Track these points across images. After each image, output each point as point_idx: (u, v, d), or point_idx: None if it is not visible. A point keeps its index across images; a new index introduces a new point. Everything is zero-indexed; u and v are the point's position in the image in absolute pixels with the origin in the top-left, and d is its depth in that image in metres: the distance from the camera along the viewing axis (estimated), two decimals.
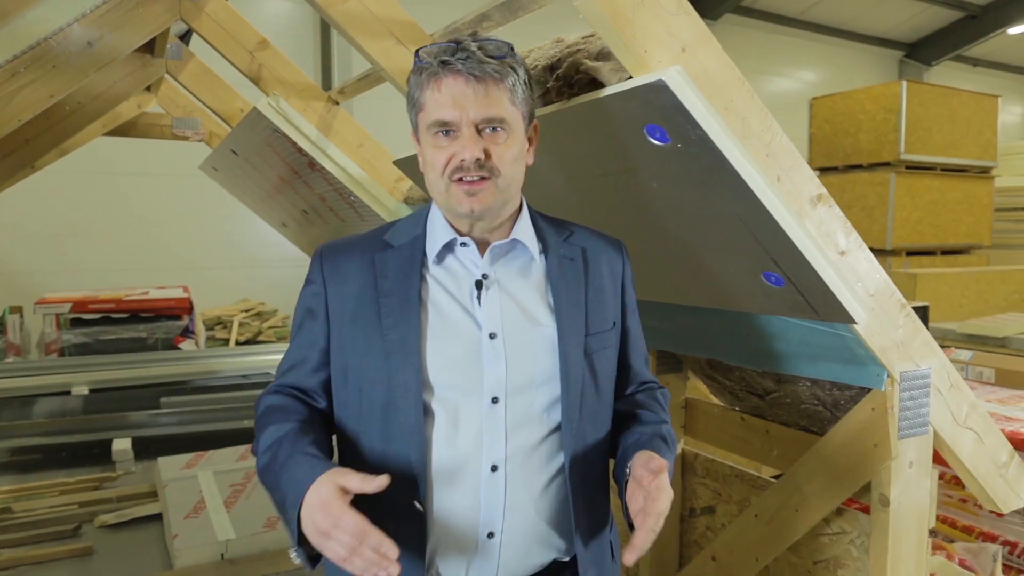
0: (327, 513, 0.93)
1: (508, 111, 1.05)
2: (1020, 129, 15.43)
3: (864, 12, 12.05)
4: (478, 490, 1.07)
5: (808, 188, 1.32)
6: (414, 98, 1.08)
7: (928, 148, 8.63)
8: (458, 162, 1.03)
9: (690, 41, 1.19)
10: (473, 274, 1.11)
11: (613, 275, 1.21)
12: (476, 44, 1.04)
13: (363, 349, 1.10)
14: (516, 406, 1.08)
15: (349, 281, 1.13)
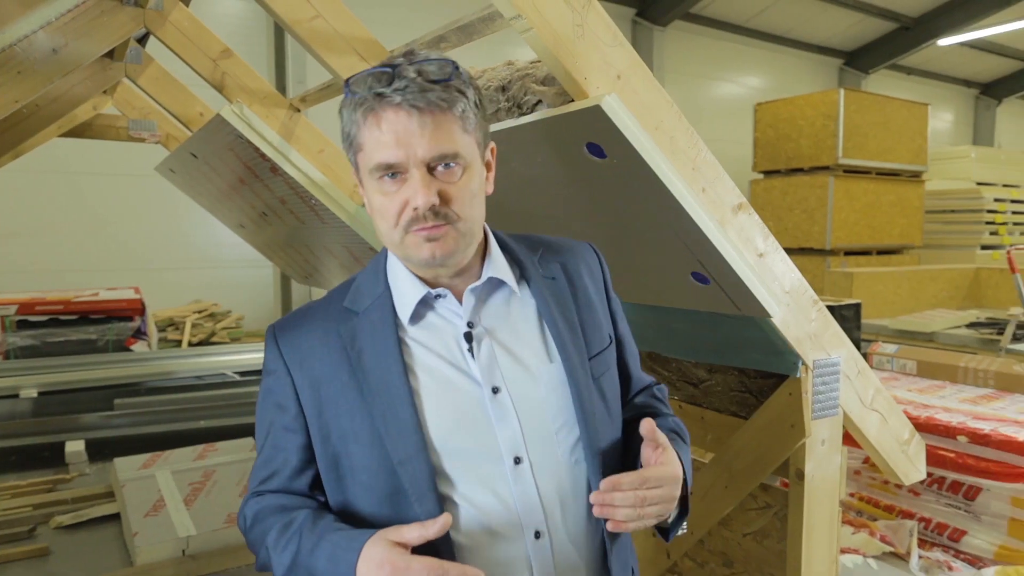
0: (391, 571, 0.84)
1: (461, 141, 0.93)
2: (949, 136, 16.22)
3: (806, 21, 12.54)
4: (527, 562, 0.97)
5: (730, 198, 1.50)
6: (350, 136, 0.95)
7: (864, 153, 9.06)
8: (411, 212, 0.92)
9: (624, 69, 1.35)
10: (457, 326, 0.99)
11: (596, 284, 1.12)
12: (414, 68, 0.90)
13: (353, 436, 0.96)
14: (541, 460, 0.98)
15: (316, 361, 0.99)
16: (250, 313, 8.26)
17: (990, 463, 3.16)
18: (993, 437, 3.18)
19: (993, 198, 11.05)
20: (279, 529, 0.96)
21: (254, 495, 1.04)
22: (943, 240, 11.02)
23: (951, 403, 3.70)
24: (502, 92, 1.50)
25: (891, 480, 2.03)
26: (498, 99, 1.50)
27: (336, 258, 3.59)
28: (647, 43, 11.05)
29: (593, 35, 1.31)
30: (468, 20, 1.61)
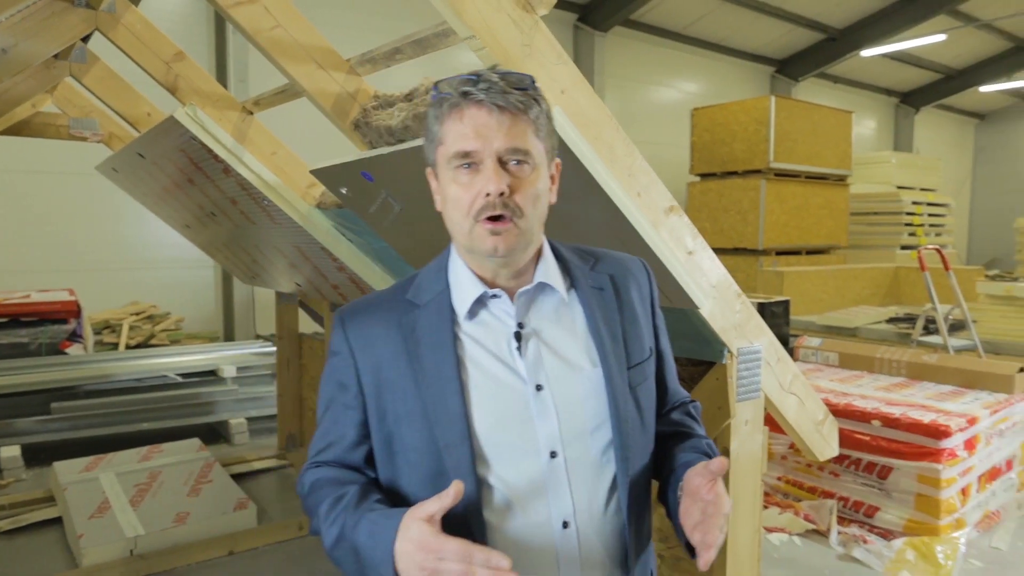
0: (427, 551, 0.90)
1: (532, 143, 1.01)
2: (872, 142, 17.08)
3: (739, 30, 13.04)
4: (554, 551, 1.03)
5: (662, 201, 1.66)
6: (432, 132, 1.04)
7: (794, 157, 9.51)
8: (484, 198, 0.99)
9: (568, 85, 1.49)
10: (508, 326, 1.06)
11: (642, 299, 1.17)
12: (498, 75, 1.01)
13: (406, 418, 1.04)
14: (575, 456, 1.04)
15: (378, 347, 1.07)
16: (191, 315, 8.12)
17: (900, 444, 3.45)
18: (903, 421, 3.47)
19: (911, 201, 11.73)
20: (330, 503, 1.03)
21: (313, 465, 1.11)
22: (866, 241, 11.64)
23: (867, 391, 3.99)
24: None
25: (808, 457, 2.23)
26: None
27: (286, 258, 3.63)
28: (588, 48, 11.31)
29: (540, 54, 1.45)
30: (424, 35, 1.73)
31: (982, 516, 3.63)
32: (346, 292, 3.52)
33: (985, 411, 3.61)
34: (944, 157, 17.70)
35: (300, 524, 3.59)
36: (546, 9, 1.44)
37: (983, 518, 3.63)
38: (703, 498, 0.98)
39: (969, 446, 3.47)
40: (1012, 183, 20.07)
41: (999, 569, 3.27)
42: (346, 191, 2.32)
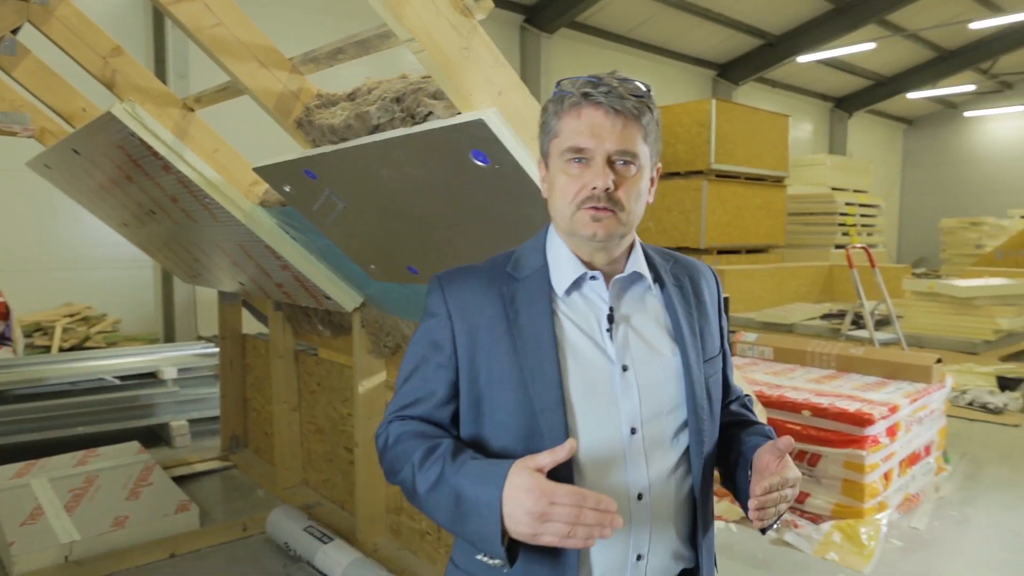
0: (539, 495, 0.94)
1: (640, 148, 1.08)
2: (809, 145, 17.70)
3: (682, 34, 13.35)
4: (628, 518, 1.09)
5: None
6: (549, 126, 1.11)
7: (734, 159, 9.78)
8: (589, 191, 1.05)
9: (505, 87, 1.55)
10: (601, 308, 1.12)
11: (713, 301, 1.25)
12: (618, 80, 1.07)
13: (500, 381, 1.09)
14: (651, 434, 1.10)
15: (476, 312, 1.12)
16: (128, 316, 7.90)
17: (828, 433, 3.63)
18: (830, 410, 3.65)
19: (844, 202, 12.22)
20: (425, 451, 1.07)
21: (397, 418, 1.15)
22: (803, 240, 12.07)
23: (799, 383, 4.18)
24: (397, 103, 1.66)
25: None
26: (393, 109, 1.66)
27: (228, 256, 3.60)
28: (535, 49, 11.42)
29: (478, 57, 1.50)
30: (366, 36, 1.76)
31: (903, 499, 3.84)
32: (291, 291, 3.51)
33: (905, 400, 3.82)
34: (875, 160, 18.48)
35: (244, 525, 3.57)
36: (484, 13, 1.49)
37: (904, 500, 3.84)
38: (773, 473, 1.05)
39: (891, 433, 3.67)
40: (937, 186, 21.07)
41: (917, 547, 3.47)
42: (289, 189, 2.33)
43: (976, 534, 3.64)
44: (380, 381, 3.35)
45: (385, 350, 3.25)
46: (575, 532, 0.94)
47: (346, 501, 3.69)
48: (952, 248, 16.26)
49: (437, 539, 3.10)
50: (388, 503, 3.39)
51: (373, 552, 3.24)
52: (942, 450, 4.43)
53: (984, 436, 5.34)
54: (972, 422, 5.69)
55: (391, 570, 2.96)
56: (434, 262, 2.26)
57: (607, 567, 1.09)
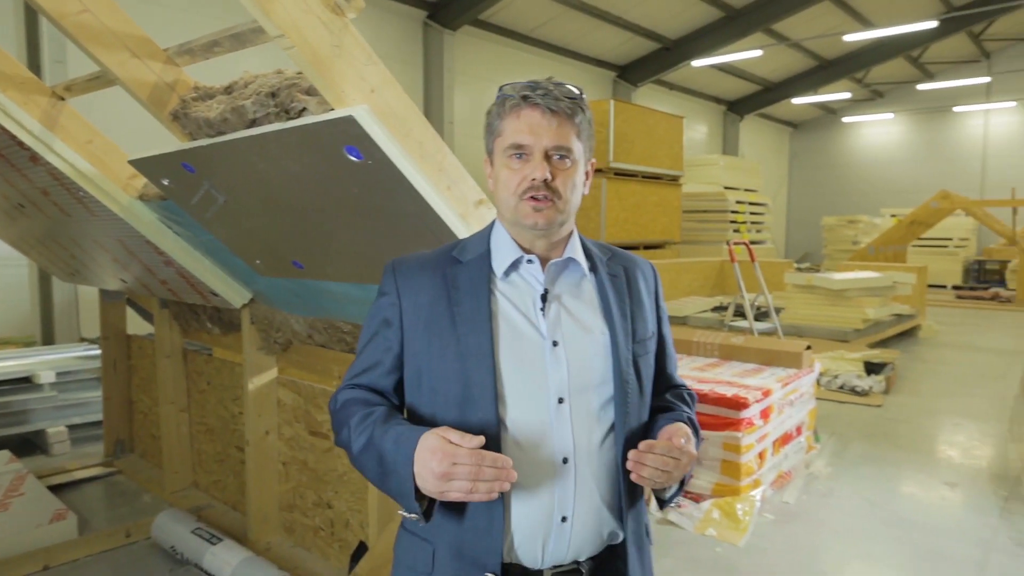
0: (442, 456, 1.05)
1: (574, 143, 1.19)
2: (704, 145, 18.52)
3: (583, 36, 13.68)
4: (553, 480, 1.18)
5: (472, 194, 1.80)
6: (493, 126, 1.23)
7: (631, 158, 10.13)
8: (529, 182, 1.17)
9: (378, 84, 1.59)
10: (536, 289, 1.22)
11: (648, 290, 1.35)
12: (553, 85, 1.19)
13: (439, 353, 1.20)
14: (578, 405, 1.19)
15: (422, 293, 1.24)
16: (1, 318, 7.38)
17: (708, 417, 3.86)
18: (710, 395, 3.88)
19: (735, 200, 12.89)
20: (361, 416, 1.21)
21: (348, 385, 1.29)
22: (697, 236, 12.65)
23: (685, 371, 4.42)
24: (272, 98, 1.67)
25: None
26: (268, 104, 1.67)
27: (108, 253, 3.45)
28: (438, 45, 11.42)
29: (349, 55, 1.54)
30: (240, 29, 1.75)
31: (776, 476, 4.14)
32: (176, 288, 3.40)
33: (777, 384, 4.11)
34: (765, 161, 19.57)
35: (128, 531, 3.44)
36: (355, 12, 1.53)
37: (777, 478, 4.14)
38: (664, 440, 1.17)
39: (764, 415, 3.95)
40: (820, 186, 22.52)
41: (787, 520, 3.76)
42: (168, 182, 2.28)
43: (839, 505, 3.97)
44: (271, 378, 3.31)
45: (276, 346, 3.21)
46: (477, 488, 1.05)
47: (238, 501, 3.62)
48: (833, 244, 17.46)
49: (331, 534, 3.10)
50: (281, 501, 3.35)
51: (266, 551, 3.20)
52: (812, 430, 4.79)
53: (852, 416, 5.81)
54: (842, 404, 6.16)
55: (284, 567, 2.94)
56: (318, 256, 2.27)
57: (532, 524, 1.18)
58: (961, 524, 3.72)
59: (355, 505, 2.97)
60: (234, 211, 2.21)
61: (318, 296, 2.59)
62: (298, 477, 3.25)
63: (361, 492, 2.90)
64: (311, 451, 3.17)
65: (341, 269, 2.28)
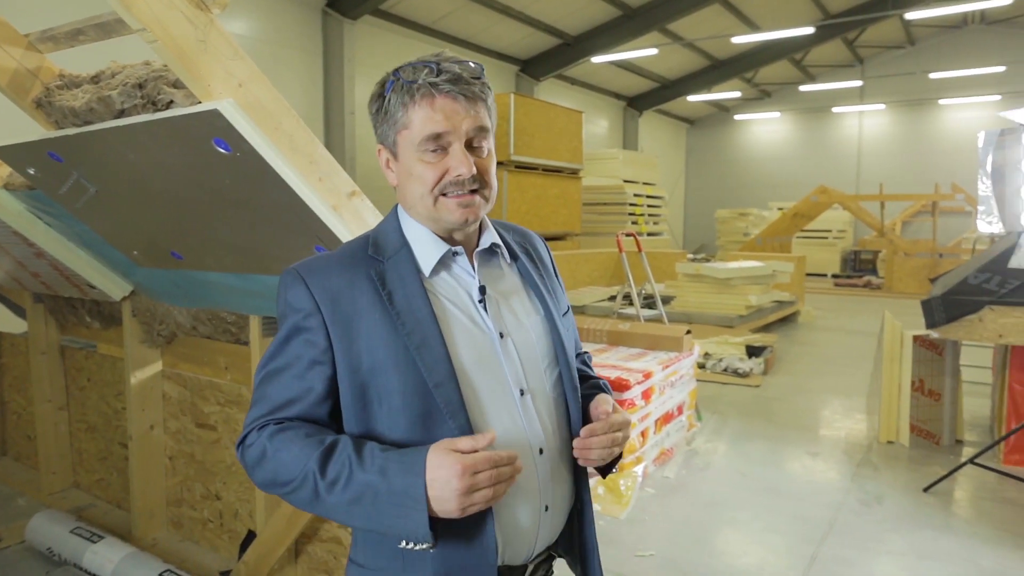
0: (462, 469, 0.97)
1: (488, 125, 1.12)
2: (606, 140, 19.06)
3: (485, 29, 13.79)
4: (535, 473, 1.14)
5: (345, 186, 1.88)
6: (394, 117, 1.10)
7: (532, 151, 10.34)
8: (453, 177, 1.08)
9: (246, 79, 1.64)
10: (471, 283, 1.16)
11: (548, 266, 1.32)
12: (457, 65, 1.08)
13: (384, 366, 1.07)
14: (537, 392, 1.17)
15: (346, 302, 1.09)
16: None
17: None
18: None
19: (633, 193, 13.37)
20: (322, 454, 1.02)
21: (268, 423, 1.08)
22: (597, 228, 13.04)
23: None
24: (139, 89, 1.68)
25: None
26: (135, 95, 1.68)
27: None
28: (337, 35, 11.24)
29: (216, 50, 1.58)
30: (107, 19, 1.75)
31: (659, 453, 4.41)
32: (50, 281, 3.28)
33: (659, 367, 4.38)
34: (663, 156, 20.34)
35: None
36: (220, 9, 1.57)
37: (659, 455, 4.41)
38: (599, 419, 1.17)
39: (646, 396, 4.20)
40: (715, 180, 23.64)
41: (667, 493, 4.02)
42: (34, 171, 2.23)
43: (715, 478, 4.28)
44: (156, 371, 3.25)
45: (159, 339, 3.16)
46: (498, 491, 1.00)
47: (123, 499, 3.54)
48: (725, 236, 18.39)
49: (220, 525, 3.10)
50: (168, 496, 3.31)
51: (152, 546, 3.16)
52: (693, 409, 5.12)
53: (733, 396, 6.22)
54: (725, 385, 6.59)
55: (170, 561, 2.91)
56: (196, 247, 2.28)
57: (524, 521, 1.14)
58: (818, 489, 4.10)
59: (244, 495, 2.98)
60: (107, 201, 2.18)
61: (200, 287, 2.59)
62: (185, 470, 3.22)
63: (249, 481, 2.91)
64: (198, 444, 3.14)
65: (221, 259, 2.29)
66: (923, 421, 4.87)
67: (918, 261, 14.25)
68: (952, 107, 19.61)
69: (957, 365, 4.89)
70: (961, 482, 4.23)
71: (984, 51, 18.47)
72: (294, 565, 2.77)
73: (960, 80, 18.63)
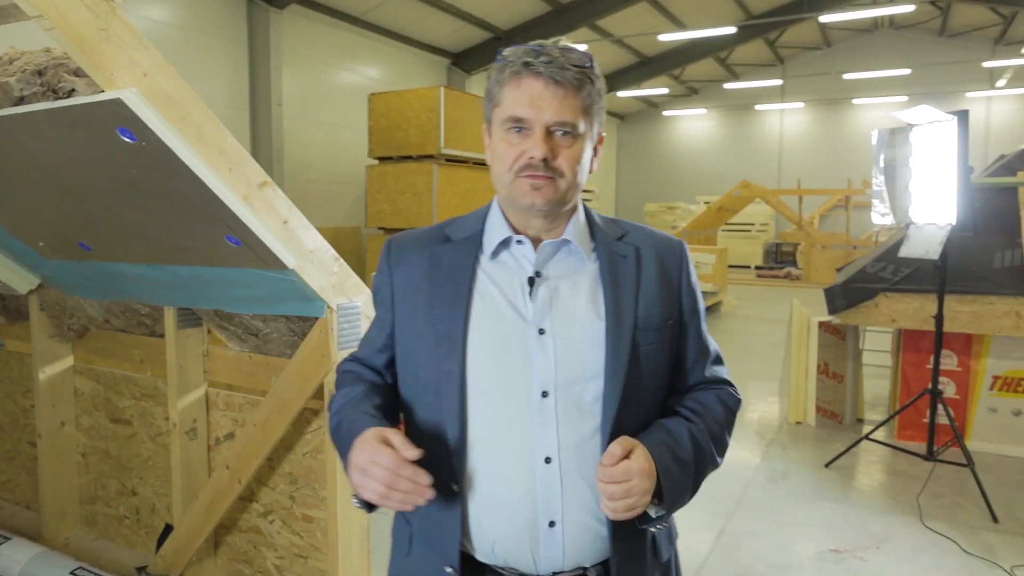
0: (369, 451, 1.01)
1: (579, 118, 1.08)
2: None
3: (417, 21, 13.72)
4: (533, 481, 1.08)
5: (255, 176, 1.90)
6: (492, 93, 1.12)
7: (462, 144, 10.37)
8: (527, 159, 1.07)
9: (151, 68, 1.64)
10: (526, 270, 1.13)
11: (668, 275, 1.20)
12: (559, 50, 1.07)
13: (416, 336, 1.16)
14: (565, 400, 1.09)
15: (410, 271, 1.19)
16: None
17: None
18: None
19: None
20: (340, 395, 1.22)
21: (351, 357, 1.29)
22: None
23: None
24: (39, 76, 1.66)
25: None
26: (34, 82, 1.66)
27: None
28: (263, 23, 10.99)
29: (118, 38, 1.58)
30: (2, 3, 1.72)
31: None
32: None
33: None
34: None
35: None
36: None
37: None
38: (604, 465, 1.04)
39: None
40: (645, 174, 24.19)
41: None
42: None
43: None
44: (67, 366, 3.17)
45: (70, 332, 3.09)
46: (390, 495, 1.01)
47: (32, 500, 3.43)
48: None
49: (136, 521, 3.05)
50: (82, 494, 3.23)
51: (64, 546, 3.09)
52: None
53: None
54: None
55: (83, 560, 2.86)
56: (105, 237, 2.25)
57: (513, 528, 1.10)
58: (731, 467, 4.32)
59: (161, 489, 2.95)
60: (8, 190, 2.13)
61: (111, 279, 2.55)
62: (99, 467, 3.15)
63: (166, 475, 2.89)
64: (113, 439, 3.09)
65: (132, 250, 2.27)
66: (827, 402, 5.18)
67: (833, 253, 14.99)
68: (864, 106, 20.64)
69: (858, 349, 5.22)
70: (860, 457, 4.54)
71: (893, 54, 19.52)
72: (214, 557, 2.77)
73: (871, 81, 19.62)
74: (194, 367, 2.66)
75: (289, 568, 2.58)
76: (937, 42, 19.36)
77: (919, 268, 4.33)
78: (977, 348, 4.60)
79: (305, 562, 2.53)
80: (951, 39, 19.22)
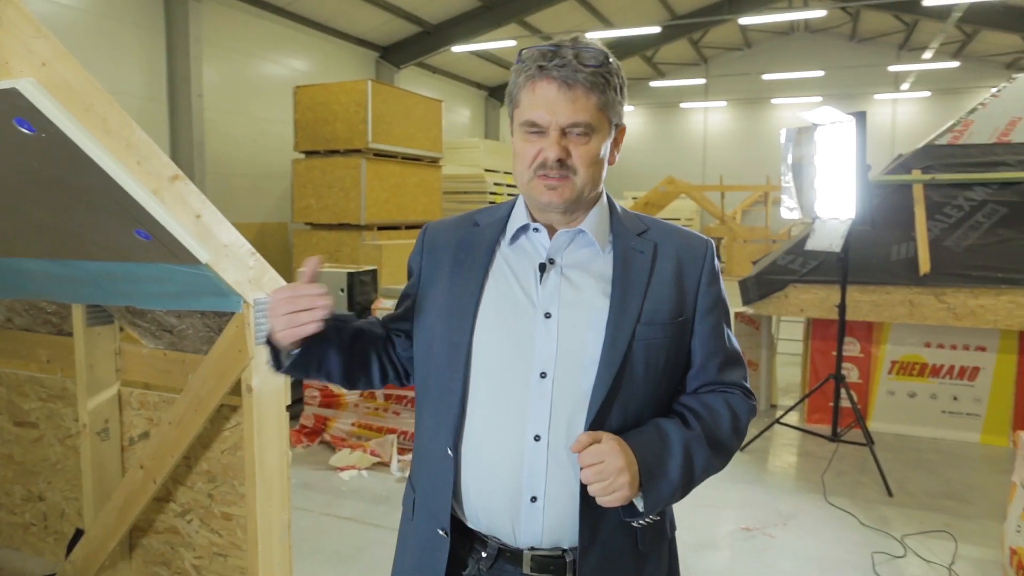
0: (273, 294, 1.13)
1: (594, 117, 1.12)
2: (468, 129, 19.23)
3: (343, 13, 13.48)
4: (521, 456, 1.13)
5: (166, 170, 1.87)
6: (512, 95, 1.18)
7: (391, 139, 10.27)
8: (542, 159, 1.13)
9: (50, 58, 1.60)
10: (540, 256, 1.20)
11: (685, 273, 1.22)
12: (574, 52, 1.10)
13: (434, 310, 1.24)
14: (563, 383, 1.13)
15: (439, 252, 1.29)
16: None
17: None
18: None
19: (494, 182, 13.63)
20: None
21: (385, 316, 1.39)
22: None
23: None
24: None
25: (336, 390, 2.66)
26: None
27: None
28: (181, 13, 10.60)
29: (13, 27, 1.54)
30: None
31: None
32: None
33: None
34: None
35: None
36: None
37: None
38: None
39: None
40: None
41: None
42: None
43: None
44: None
45: None
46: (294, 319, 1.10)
47: None
48: None
49: (44, 528, 2.94)
50: None
51: None
52: None
53: None
54: None
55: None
56: (6, 232, 2.17)
57: (496, 499, 1.15)
58: None
59: (71, 493, 2.85)
60: None
61: (13, 275, 2.45)
62: (2, 473, 3.02)
63: (76, 479, 2.80)
64: (17, 443, 2.96)
65: (35, 245, 2.19)
66: None
67: (754, 247, 15.58)
68: (782, 106, 21.49)
69: (771, 338, 5.48)
70: (773, 440, 4.77)
71: (808, 57, 20.39)
72: (128, 560, 2.70)
73: (788, 82, 20.45)
74: (105, 366, 2.59)
75: (208, 567, 2.55)
76: (848, 46, 20.33)
77: (825, 260, 4.58)
78: (877, 335, 4.91)
79: (225, 560, 2.51)
80: (861, 44, 20.23)
